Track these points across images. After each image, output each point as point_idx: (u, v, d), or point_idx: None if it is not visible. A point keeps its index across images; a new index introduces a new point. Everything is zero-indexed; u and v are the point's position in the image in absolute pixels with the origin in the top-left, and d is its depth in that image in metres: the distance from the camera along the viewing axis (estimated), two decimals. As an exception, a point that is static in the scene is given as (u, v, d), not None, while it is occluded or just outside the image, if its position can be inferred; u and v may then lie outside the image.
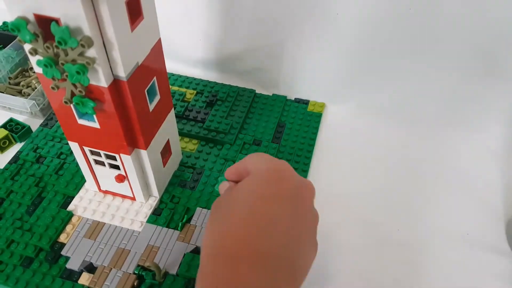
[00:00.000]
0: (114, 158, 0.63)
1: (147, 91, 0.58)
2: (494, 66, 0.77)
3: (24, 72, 0.95)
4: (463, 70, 0.80)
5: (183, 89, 0.92)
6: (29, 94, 0.87)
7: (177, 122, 0.81)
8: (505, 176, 0.79)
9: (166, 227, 0.68)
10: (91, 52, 0.46)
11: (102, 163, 0.65)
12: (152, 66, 0.58)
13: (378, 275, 0.65)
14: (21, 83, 0.91)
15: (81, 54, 0.46)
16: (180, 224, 0.68)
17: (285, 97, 0.92)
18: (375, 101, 0.89)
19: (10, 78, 0.93)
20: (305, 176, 0.77)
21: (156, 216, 0.69)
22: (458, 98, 0.84)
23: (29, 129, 0.83)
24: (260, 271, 0.42)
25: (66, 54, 0.46)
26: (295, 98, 0.93)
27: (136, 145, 0.62)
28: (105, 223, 0.68)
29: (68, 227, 0.67)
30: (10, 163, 0.77)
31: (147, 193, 0.70)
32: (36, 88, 0.89)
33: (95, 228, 0.67)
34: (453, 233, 0.70)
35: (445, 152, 0.83)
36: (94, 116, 0.55)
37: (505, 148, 0.83)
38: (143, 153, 0.63)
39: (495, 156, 0.82)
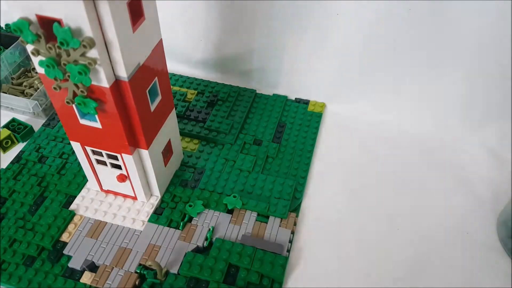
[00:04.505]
0: (115, 158, 0.63)
1: (149, 91, 0.59)
2: (494, 65, 0.77)
3: (26, 73, 0.96)
4: (463, 69, 0.80)
5: (184, 89, 0.92)
6: (31, 95, 0.88)
7: (178, 122, 0.82)
8: (502, 174, 0.79)
9: (168, 226, 0.68)
10: (93, 53, 0.47)
11: (104, 163, 0.66)
12: (153, 67, 0.58)
13: (377, 273, 0.65)
14: (24, 84, 0.92)
15: (83, 55, 0.46)
16: (181, 224, 0.68)
17: (286, 97, 0.93)
18: (375, 101, 0.89)
19: (12, 78, 0.93)
20: (306, 176, 0.77)
21: (157, 216, 0.69)
22: (457, 97, 0.84)
23: (31, 129, 0.83)
24: None
25: (68, 55, 0.47)
26: (295, 98, 0.93)
27: (137, 145, 0.62)
28: (106, 223, 0.68)
29: (70, 226, 0.68)
30: (12, 162, 0.77)
31: (149, 193, 0.71)
32: (38, 88, 0.90)
33: (97, 227, 0.68)
34: (453, 232, 0.71)
35: (445, 151, 0.83)
36: (96, 116, 0.56)
37: (503, 146, 0.83)
38: (145, 153, 0.63)
39: (493, 155, 0.82)
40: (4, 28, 1.08)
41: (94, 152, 0.64)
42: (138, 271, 0.63)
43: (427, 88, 0.85)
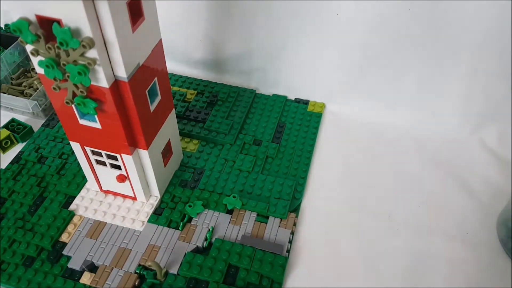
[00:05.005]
0: (115, 158, 0.63)
1: (148, 91, 0.59)
2: (493, 64, 0.77)
3: (26, 73, 0.96)
4: (463, 69, 0.80)
5: (184, 90, 0.92)
6: (31, 95, 0.88)
7: (178, 123, 0.82)
8: (502, 174, 0.79)
9: (167, 226, 0.68)
10: (92, 53, 0.47)
11: (104, 163, 0.66)
12: (153, 67, 0.58)
13: (377, 273, 0.65)
14: (23, 84, 0.92)
15: (83, 55, 0.46)
16: (181, 224, 0.68)
17: (285, 97, 0.93)
18: (375, 101, 0.89)
19: (12, 78, 0.93)
20: (305, 176, 0.77)
21: (157, 216, 0.69)
22: (457, 97, 0.84)
23: (30, 129, 0.83)
24: None
25: (68, 55, 0.47)
26: (295, 98, 0.93)
27: (137, 145, 0.62)
28: (106, 223, 0.68)
29: (70, 227, 0.67)
30: (12, 163, 0.77)
31: (148, 193, 0.71)
32: (38, 88, 0.90)
33: (97, 228, 0.67)
34: (452, 232, 0.71)
35: (445, 151, 0.83)
36: (96, 116, 0.56)
37: (503, 146, 0.83)
38: (144, 153, 0.63)
39: (493, 155, 0.82)
40: (3, 28, 1.08)
41: (93, 153, 0.64)
42: (138, 272, 0.63)
43: (426, 88, 0.85)
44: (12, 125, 0.83)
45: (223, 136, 0.82)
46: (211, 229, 0.67)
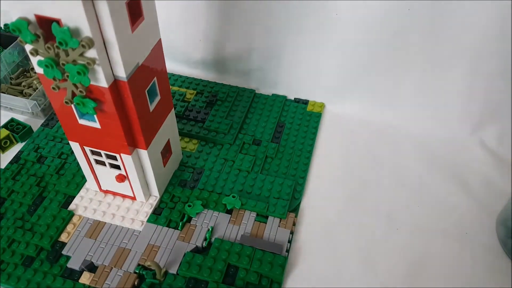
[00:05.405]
0: (114, 158, 0.63)
1: (148, 91, 0.59)
2: (494, 64, 0.77)
3: (25, 73, 0.96)
4: (463, 69, 0.80)
5: (183, 89, 0.92)
6: (30, 95, 0.88)
7: (177, 122, 0.81)
8: (502, 174, 0.79)
9: (167, 226, 0.68)
10: (91, 53, 0.47)
11: (103, 163, 0.65)
12: (152, 67, 0.58)
13: (376, 273, 0.65)
14: (23, 84, 0.92)
15: (82, 55, 0.46)
16: (180, 224, 0.68)
17: (285, 97, 0.93)
18: (374, 101, 0.89)
19: (11, 78, 0.93)
20: (305, 176, 0.77)
21: (156, 216, 0.69)
22: (457, 97, 0.84)
23: (30, 129, 0.83)
24: None
25: (67, 55, 0.47)
26: (294, 98, 0.93)
27: (136, 145, 0.62)
28: (105, 223, 0.68)
29: (69, 227, 0.67)
30: (11, 163, 0.77)
31: (148, 193, 0.71)
32: (37, 88, 0.90)
33: (96, 228, 0.67)
34: (452, 232, 0.71)
35: (445, 151, 0.83)
36: (95, 116, 0.56)
37: (503, 146, 0.83)
38: (144, 153, 0.63)
39: (493, 155, 0.82)
40: (3, 28, 1.07)
41: (93, 152, 0.64)
42: (137, 271, 0.63)
43: (426, 87, 0.85)
44: (11, 124, 0.83)
45: (222, 136, 0.82)
46: (210, 229, 0.67)
